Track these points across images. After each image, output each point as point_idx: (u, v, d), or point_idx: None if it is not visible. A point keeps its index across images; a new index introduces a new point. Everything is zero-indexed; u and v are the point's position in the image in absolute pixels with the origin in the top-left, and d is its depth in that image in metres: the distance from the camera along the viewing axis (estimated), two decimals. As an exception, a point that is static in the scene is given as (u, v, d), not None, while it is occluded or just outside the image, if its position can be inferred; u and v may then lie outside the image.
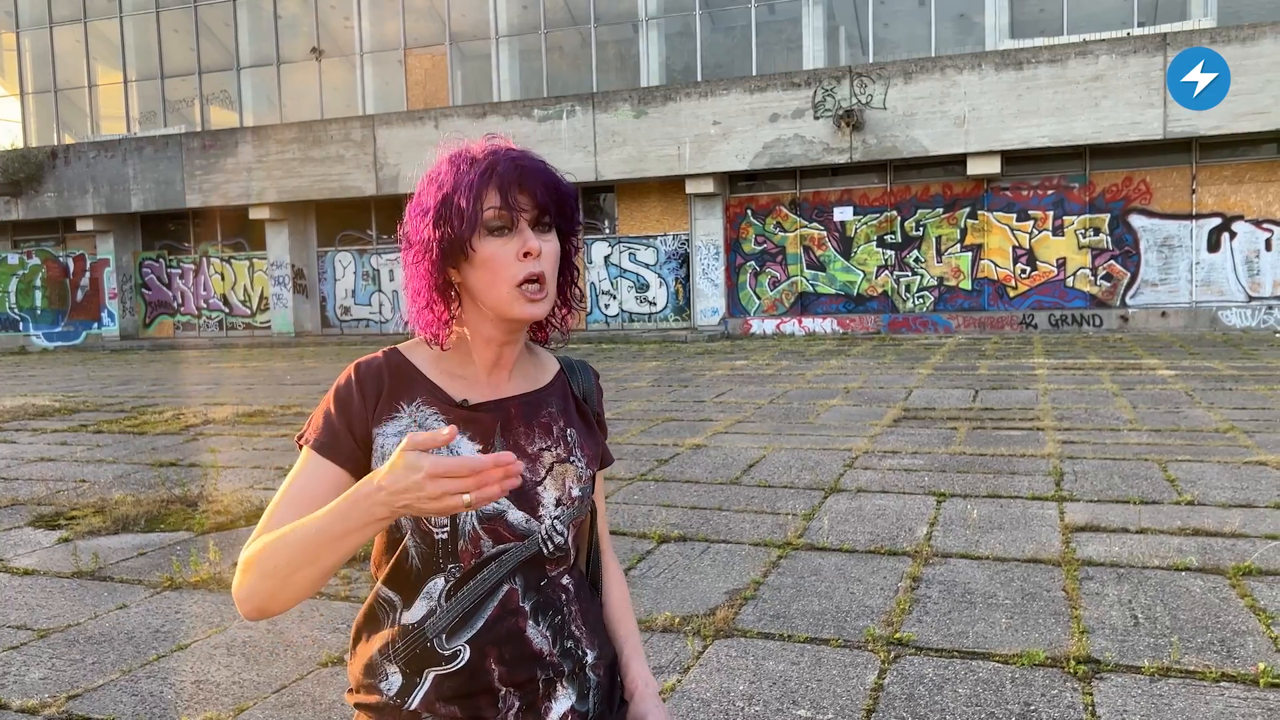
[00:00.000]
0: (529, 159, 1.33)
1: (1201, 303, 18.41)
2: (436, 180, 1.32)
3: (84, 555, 5.30)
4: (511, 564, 1.34)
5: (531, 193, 1.30)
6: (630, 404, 10.73)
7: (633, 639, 1.54)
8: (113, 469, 7.96)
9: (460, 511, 1.11)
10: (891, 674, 3.44)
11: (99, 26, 26.19)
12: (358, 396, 1.33)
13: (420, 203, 1.33)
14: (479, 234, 1.29)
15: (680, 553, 5.00)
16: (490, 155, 1.31)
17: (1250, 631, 3.68)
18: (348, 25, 24.24)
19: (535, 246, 1.29)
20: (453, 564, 1.32)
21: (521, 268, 1.29)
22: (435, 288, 1.33)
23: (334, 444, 1.30)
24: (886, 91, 18.99)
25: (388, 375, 1.36)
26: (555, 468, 1.40)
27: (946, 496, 5.95)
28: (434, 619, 1.32)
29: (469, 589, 1.32)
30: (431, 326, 1.35)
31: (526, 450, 1.38)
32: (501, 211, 1.29)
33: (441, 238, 1.29)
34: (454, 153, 1.34)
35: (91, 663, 3.81)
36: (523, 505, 1.35)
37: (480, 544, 1.32)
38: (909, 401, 10.09)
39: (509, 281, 1.29)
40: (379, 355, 1.39)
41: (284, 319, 24.35)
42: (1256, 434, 7.58)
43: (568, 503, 1.40)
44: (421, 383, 1.37)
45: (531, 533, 1.35)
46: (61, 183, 25.46)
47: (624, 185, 21.67)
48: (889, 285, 20.19)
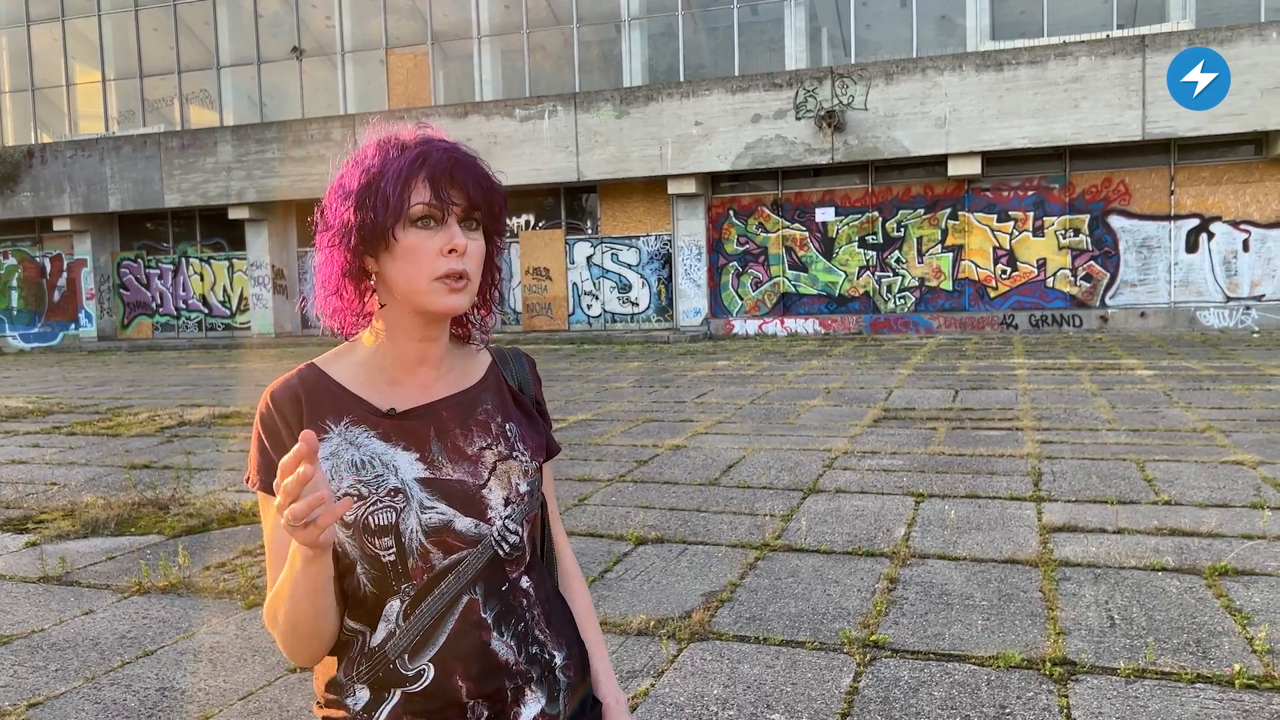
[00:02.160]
0: (462, 152, 1.27)
1: (1180, 303, 18.53)
2: (362, 164, 1.26)
3: (51, 559, 5.21)
4: (470, 573, 1.29)
5: (464, 187, 1.25)
6: (611, 404, 10.69)
7: (599, 651, 1.51)
8: (84, 471, 7.86)
9: (304, 535, 1.07)
10: (867, 677, 3.41)
11: (77, 25, 25.94)
12: (282, 426, 1.27)
13: (342, 185, 1.27)
14: (403, 223, 1.23)
15: (658, 554, 4.96)
16: (422, 144, 1.25)
17: (1226, 632, 3.67)
18: (329, 24, 24.10)
19: (461, 244, 1.24)
20: (406, 583, 1.27)
21: (444, 263, 1.24)
22: (347, 274, 1.27)
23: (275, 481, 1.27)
24: (868, 92, 19.02)
25: (305, 394, 1.29)
26: (499, 466, 1.34)
27: (925, 497, 5.94)
28: (393, 641, 1.28)
29: (426, 605, 1.28)
30: (339, 315, 1.30)
31: (466, 452, 1.33)
32: (431, 205, 1.23)
33: (361, 223, 1.23)
34: (383, 138, 1.28)
35: (55, 670, 3.73)
36: (470, 511, 1.30)
37: (430, 558, 1.27)
38: (889, 402, 10.09)
39: (429, 275, 1.24)
40: (293, 376, 1.32)
41: (264, 319, 24.18)
42: (1233, 433, 7.61)
43: (516, 500, 1.35)
44: (343, 397, 1.30)
45: (483, 537, 1.30)
46: (38, 182, 25.19)
47: (606, 185, 21.62)
48: (870, 286, 20.22)
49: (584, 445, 8.16)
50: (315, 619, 1.22)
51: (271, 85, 24.66)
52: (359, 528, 1.25)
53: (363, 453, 1.27)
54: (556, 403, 10.96)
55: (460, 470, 1.31)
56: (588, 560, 4.90)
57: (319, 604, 1.21)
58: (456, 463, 1.31)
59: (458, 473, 1.30)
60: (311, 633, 1.24)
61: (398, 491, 1.26)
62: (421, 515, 1.27)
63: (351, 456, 1.27)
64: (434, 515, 1.28)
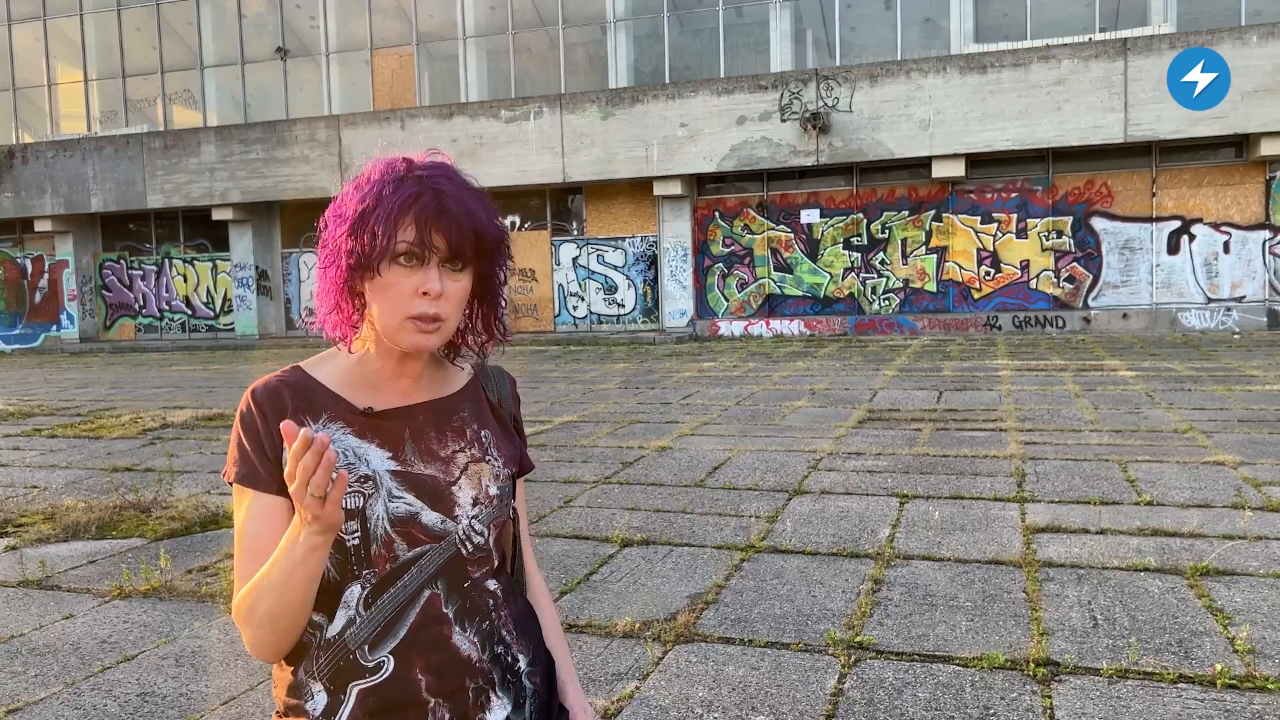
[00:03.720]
0: (455, 196, 1.28)
1: (1162, 304, 18.66)
2: (361, 190, 1.29)
3: (31, 564, 5.16)
4: (431, 568, 1.31)
5: (446, 233, 1.26)
6: (597, 406, 10.68)
7: (566, 661, 1.52)
8: (65, 474, 7.79)
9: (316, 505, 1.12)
10: (852, 678, 3.42)
11: (59, 24, 25.75)
12: (260, 423, 1.29)
13: (341, 208, 1.30)
14: (387, 260, 1.26)
15: (643, 556, 4.96)
16: (418, 182, 1.27)
17: (1208, 632, 3.69)
18: (313, 25, 24.00)
19: (435, 289, 1.27)
20: (367, 569, 1.28)
21: (417, 304, 1.27)
22: (340, 292, 1.31)
23: (254, 474, 1.28)
24: (853, 94, 19.08)
25: (289, 394, 1.32)
26: (470, 467, 1.37)
27: (909, 498, 5.95)
28: (354, 629, 1.28)
29: (389, 596, 1.29)
30: (339, 328, 1.33)
31: (439, 454, 1.35)
32: (413, 246, 1.26)
33: (351, 251, 1.27)
34: (388, 162, 1.30)
35: (34, 675, 3.70)
36: (438, 506, 1.32)
37: (394, 548, 1.29)
38: (874, 403, 10.12)
39: (402, 313, 1.27)
40: (275, 376, 1.35)
41: (247, 321, 24.05)
42: (1215, 434, 7.67)
43: (485, 502, 1.37)
44: (325, 396, 1.33)
45: (448, 533, 1.32)
46: (19, 182, 24.99)
47: (592, 187, 21.62)
48: (855, 287, 20.28)
49: (570, 447, 8.15)
50: (302, 609, 1.24)
51: (255, 86, 24.54)
52: None
53: (337, 446, 1.28)
54: (542, 404, 10.95)
55: (431, 468, 1.33)
56: (573, 562, 4.89)
57: (310, 593, 1.23)
58: (428, 462, 1.34)
59: (429, 469, 1.33)
60: (291, 624, 1.25)
61: (367, 479, 1.28)
62: (389, 504, 1.29)
63: None
64: (401, 505, 1.29)
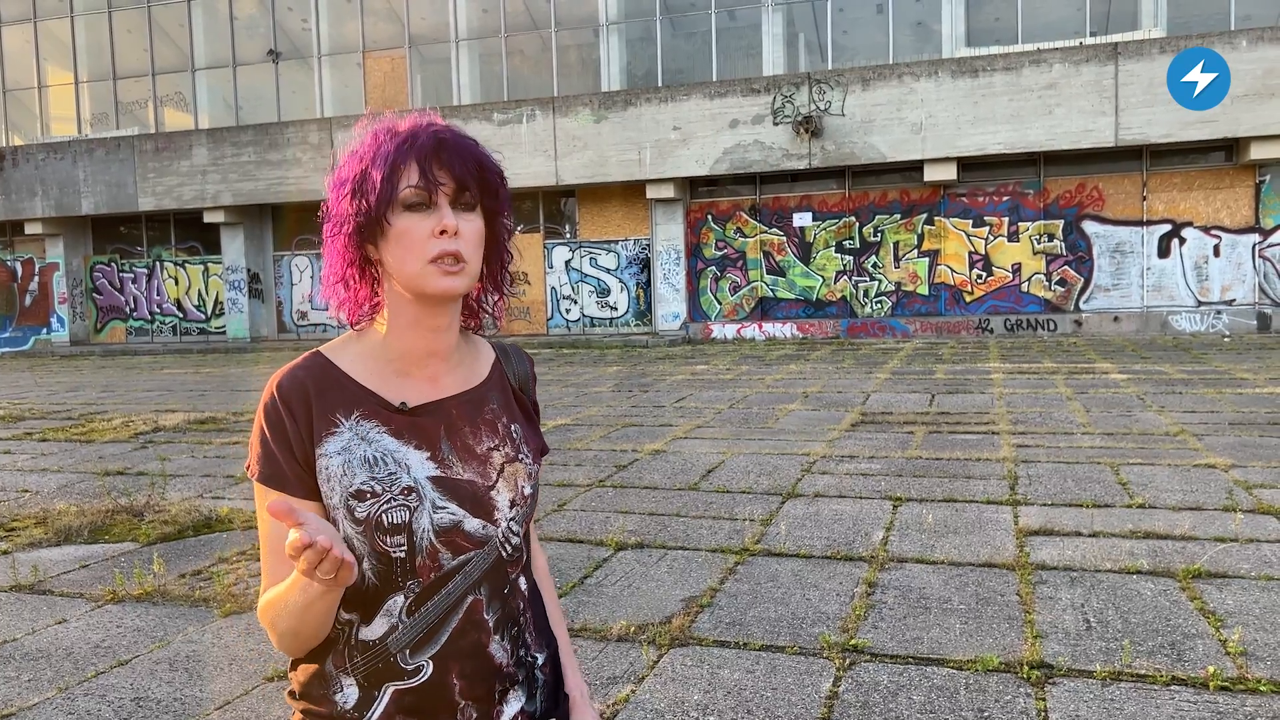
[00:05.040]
0: (451, 132, 1.27)
1: (1153, 307, 18.74)
2: (358, 153, 1.27)
3: (23, 568, 5.14)
4: (476, 574, 1.30)
5: (450, 167, 1.24)
6: (590, 409, 10.68)
7: (565, 647, 1.53)
8: (57, 478, 7.76)
9: (336, 581, 1.11)
10: (847, 681, 3.43)
11: (49, 26, 25.65)
12: (288, 420, 1.25)
13: (339, 175, 1.28)
14: (395, 209, 1.23)
15: (637, 560, 4.96)
16: (412, 129, 1.26)
17: (1200, 634, 3.71)
18: (305, 27, 23.96)
19: (451, 224, 1.23)
20: (411, 580, 1.27)
21: (436, 244, 1.23)
22: (351, 263, 1.29)
23: (278, 475, 1.25)
24: (845, 98, 19.12)
25: (313, 387, 1.27)
26: (506, 469, 1.35)
27: (903, 501, 5.97)
28: (396, 635, 1.27)
29: (434, 604, 1.28)
30: (345, 305, 1.31)
31: (476, 451, 1.33)
32: (419, 187, 1.23)
33: (357, 211, 1.24)
34: (379, 126, 1.28)
35: (27, 680, 3.69)
36: (479, 512, 1.31)
37: (439, 557, 1.28)
38: (867, 406, 10.14)
39: (422, 258, 1.23)
40: (299, 366, 1.29)
41: (239, 324, 23.98)
42: (1206, 437, 7.70)
43: (521, 502, 1.36)
44: (353, 390, 1.29)
45: (489, 539, 1.31)
46: (9, 185, 24.88)
47: (585, 190, 21.62)
48: (848, 290, 20.32)
49: (563, 450, 8.15)
50: (323, 626, 1.24)
51: (247, 88, 24.48)
52: (371, 525, 1.25)
53: (375, 449, 1.26)
54: (535, 407, 10.93)
55: (470, 470, 1.31)
56: (568, 566, 4.89)
57: (330, 613, 1.23)
58: (466, 462, 1.32)
59: (468, 473, 1.31)
60: (315, 635, 1.25)
61: (411, 490, 1.26)
62: (434, 515, 1.27)
63: (364, 452, 1.26)
64: (445, 515, 1.28)
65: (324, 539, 1.06)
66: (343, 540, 1.15)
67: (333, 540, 1.07)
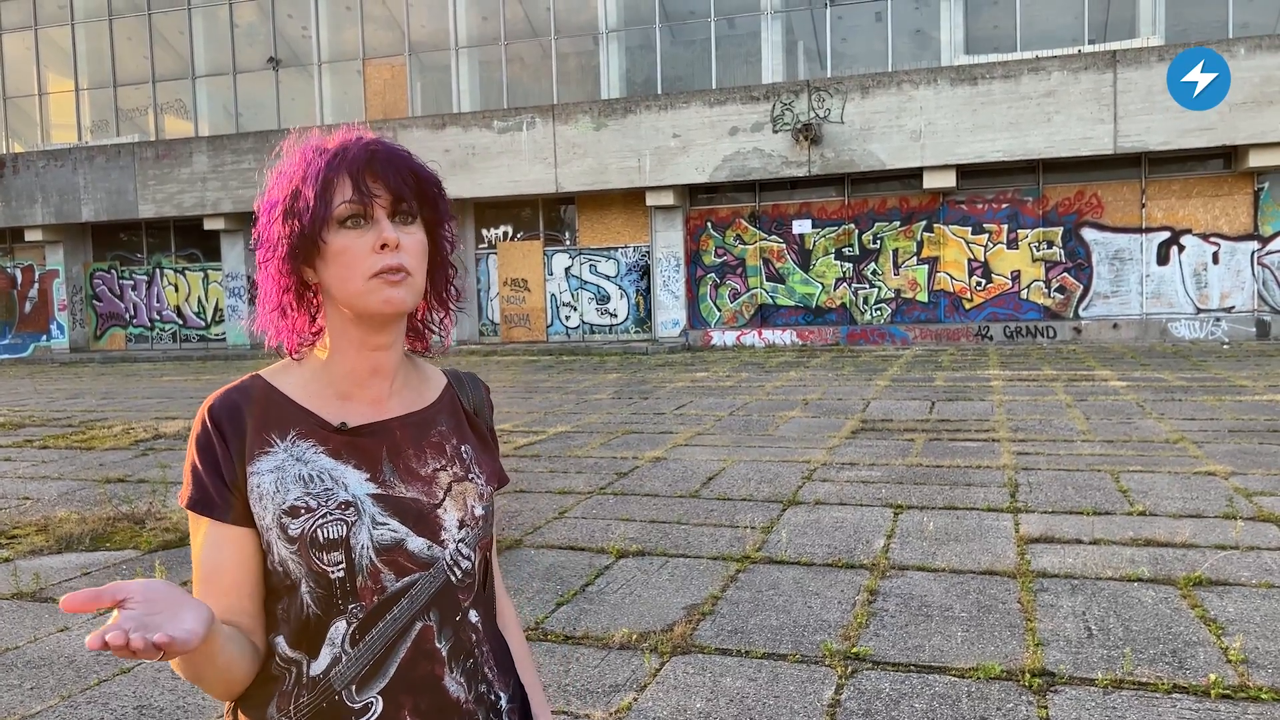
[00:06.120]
0: (383, 145, 1.22)
1: (1152, 314, 18.76)
2: (286, 173, 1.22)
3: (25, 576, 5.14)
4: (423, 598, 1.22)
5: (384, 179, 1.19)
6: (590, 416, 10.69)
7: (537, 691, 1.44)
8: (58, 486, 7.76)
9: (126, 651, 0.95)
10: (849, 689, 3.43)
11: (50, 34, 25.71)
12: (218, 443, 1.19)
13: (269, 198, 1.23)
14: (330, 227, 1.18)
15: (639, 567, 4.96)
16: (342, 144, 1.21)
17: (1201, 642, 3.72)
18: (305, 35, 24.02)
19: (392, 237, 1.18)
20: (354, 604, 1.19)
21: (377, 259, 1.17)
22: (286, 289, 1.22)
23: (207, 500, 1.18)
24: (844, 106, 19.17)
25: (249, 406, 1.22)
26: (454, 487, 1.28)
27: (903, 508, 5.97)
28: (340, 668, 1.18)
29: (378, 631, 1.20)
30: (283, 334, 1.25)
31: (419, 473, 1.26)
32: (353, 201, 1.18)
33: (290, 232, 1.19)
34: (306, 145, 1.24)
35: (30, 688, 3.69)
36: (423, 531, 1.23)
37: (381, 578, 1.19)
38: (867, 413, 10.15)
39: (364, 275, 1.18)
40: (233, 388, 1.24)
41: (239, 331, 23.99)
42: (1205, 444, 7.71)
43: (471, 523, 1.28)
44: (290, 410, 1.23)
45: (435, 560, 1.23)
46: (9, 192, 24.91)
47: (584, 197, 21.66)
48: (847, 297, 20.34)
49: (563, 457, 8.16)
50: (235, 672, 1.16)
51: (247, 95, 24.53)
52: (305, 542, 1.17)
53: (310, 468, 1.20)
54: (535, 414, 10.95)
55: (414, 489, 1.25)
56: (569, 574, 4.89)
57: (238, 666, 1.15)
58: (409, 483, 1.25)
59: (411, 491, 1.24)
60: (236, 681, 1.17)
61: (349, 505, 1.19)
62: (373, 531, 1.19)
63: (299, 470, 1.20)
64: (385, 532, 1.20)
65: (115, 635, 0.92)
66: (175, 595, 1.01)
67: (139, 620, 0.95)
